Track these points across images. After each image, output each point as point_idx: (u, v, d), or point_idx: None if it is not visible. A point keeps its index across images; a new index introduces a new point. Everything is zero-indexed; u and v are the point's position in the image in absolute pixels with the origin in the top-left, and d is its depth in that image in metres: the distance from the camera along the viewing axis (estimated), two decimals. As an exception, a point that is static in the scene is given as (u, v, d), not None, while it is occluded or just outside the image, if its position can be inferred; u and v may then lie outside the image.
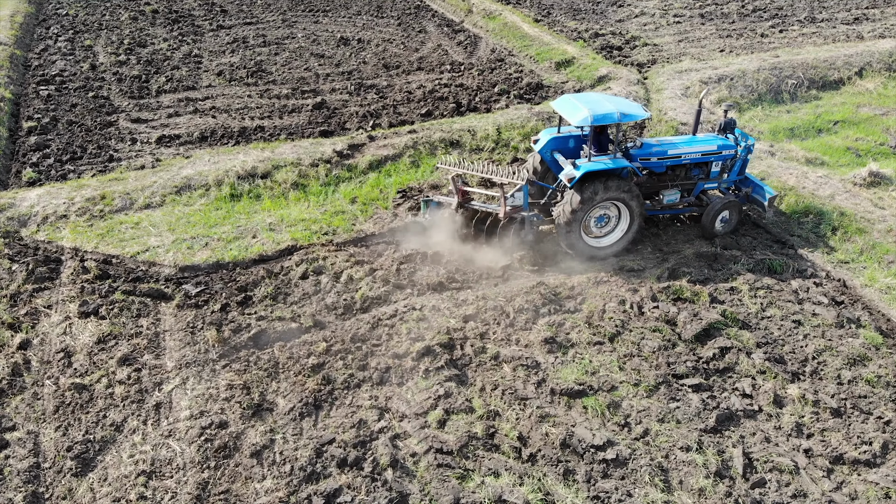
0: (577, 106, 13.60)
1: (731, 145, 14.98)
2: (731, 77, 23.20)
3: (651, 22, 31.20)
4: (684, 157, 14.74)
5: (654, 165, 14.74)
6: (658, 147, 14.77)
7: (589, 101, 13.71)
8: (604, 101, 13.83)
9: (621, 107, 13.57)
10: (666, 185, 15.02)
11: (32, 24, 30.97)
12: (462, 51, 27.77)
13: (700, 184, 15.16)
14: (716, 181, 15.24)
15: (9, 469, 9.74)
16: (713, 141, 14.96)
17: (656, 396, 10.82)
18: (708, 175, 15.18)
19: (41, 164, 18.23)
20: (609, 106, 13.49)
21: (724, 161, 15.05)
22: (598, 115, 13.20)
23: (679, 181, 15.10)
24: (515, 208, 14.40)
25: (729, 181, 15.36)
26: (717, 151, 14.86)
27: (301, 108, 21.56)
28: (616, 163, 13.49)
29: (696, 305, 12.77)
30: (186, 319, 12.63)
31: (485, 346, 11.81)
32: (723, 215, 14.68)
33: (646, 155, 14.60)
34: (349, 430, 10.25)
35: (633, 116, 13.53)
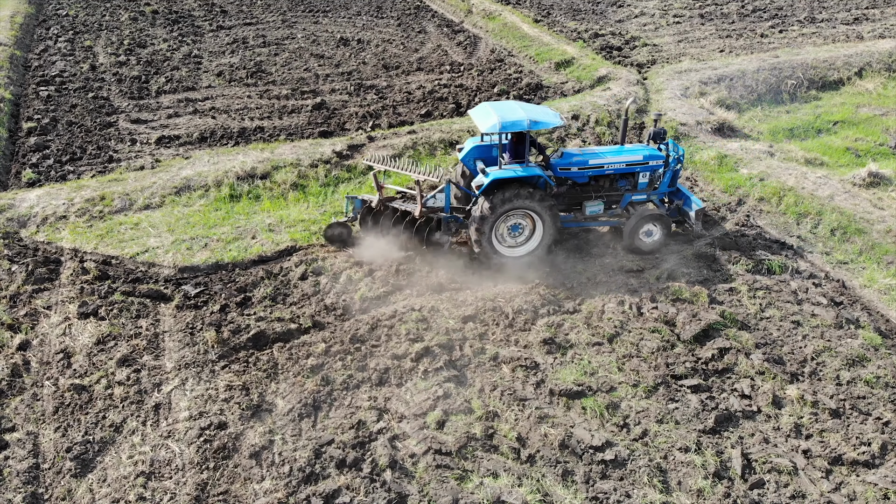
0: (489, 113, 13.27)
1: (658, 156, 14.46)
2: (731, 77, 23.21)
3: (651, 22, 31.21)
4: (607, 167, 14.29)
5: (575, 175, 14.32)
6: (579, 156, 14.34)
7: (502, 109, 13.37)
8: (518, 108, 13.39)
9: (534, 115, 13.16)
10: (589, 195, 14.57)
11: (32, 24, 30.98)
12: (462, 51, 27.79)
13: (627, 195, 14.65)
14: (644, 193, 14.71)
15: (8, 470, 9.74)
16: (639, 151, 14.47)
17: (655, 397, 10.83)
18: (635, 186, 14.67)
19: (41, 164, 18.24)
20: (520, 113, 13.08)
21: (651, 172, 14.55)
22: (507, 123, 12.86)
23: (604, 192, 14.63)
24: (433, 209, 14.13)
25: (659, 193, 14.82)
26: (644, 162, 14.36)
27: (300, 108, 21.58)
28: (527, 171, 13.17)
29: (695, 306, 12.77)
30: (186, 320, 12.63)
31: (484, 347, 11.82)
32: (646, 229, 14.22)
33: (566, 164, 14.21)
34: (348, 430, 10.25)
35: (544, 124, 13.13)
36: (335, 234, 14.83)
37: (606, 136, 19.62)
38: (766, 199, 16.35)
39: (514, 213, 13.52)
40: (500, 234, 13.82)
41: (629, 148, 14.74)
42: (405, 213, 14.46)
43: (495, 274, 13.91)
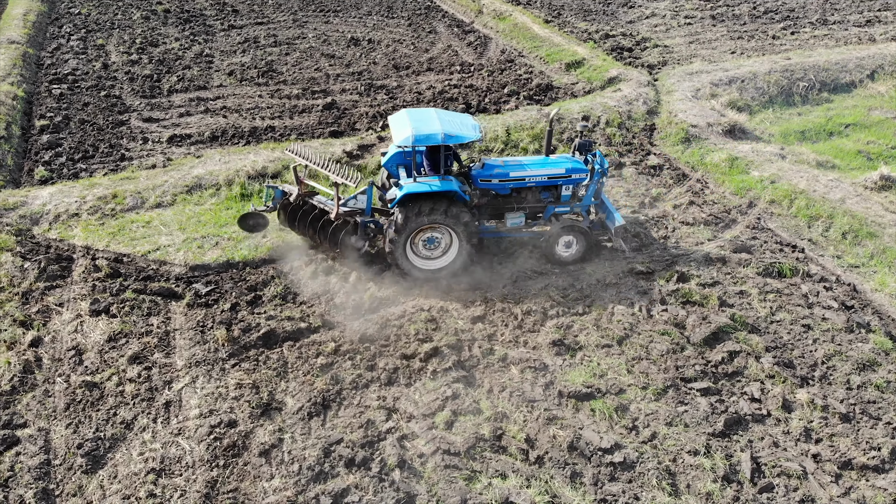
0: (405, 124, 12.99)
1: (582, 168, 14.18)
2: (742, 79, 23.12)
3: (662, 23, 31.13)
4: (528, 179, 14.05)
5: (496, 187, 14.13)
6: (501, 168, 14.08)
7: (418, 120, 13.08)
8: (434, 120, 13.05)
9: (450, 127, 12.86)
10: (511, 207, 14.38)
11: (45, 22, 31.15)
12: (472, 51, 27.79)
13: (550, 207, 14.41)
14: (567, 205, 14.47)
15: (20, 466, 9.81)
16: (562, 164, 14.17)
17: (664, 400, 10.82)
18: (558, 198, 14.43)
19: (53, 162, 18.36)
20: (436, 126, 12.78)
21: (574, 185, 14.32)
22: (420, 136, 12.58)
23: (526, 204, 14.41)
24: (352, 212, 13.83)
25: (583, 206, 14.57)
26: (566, 175, 14.09)
27: (311, 108, 21.63)
28: (442, 185, 12.89)
29: (704, 309, 12.75)
30: (196, 318, 12.70)
31: (493, 348, 11.84)
32: (566, 240, 14.01)
33: (486, 176, 13.99)
34: (357, 430, 10.29)
35: (459, 138, 12.75)
36: (250, 224, 14.38)
37: (617, 138, 19.60)
38: (778, 202, 16.30)
39: (430, 226, 13.24)
40: (416, 247, 13.57)
41: (553, 160, 14.39)
42: (324, 212, 14.03)
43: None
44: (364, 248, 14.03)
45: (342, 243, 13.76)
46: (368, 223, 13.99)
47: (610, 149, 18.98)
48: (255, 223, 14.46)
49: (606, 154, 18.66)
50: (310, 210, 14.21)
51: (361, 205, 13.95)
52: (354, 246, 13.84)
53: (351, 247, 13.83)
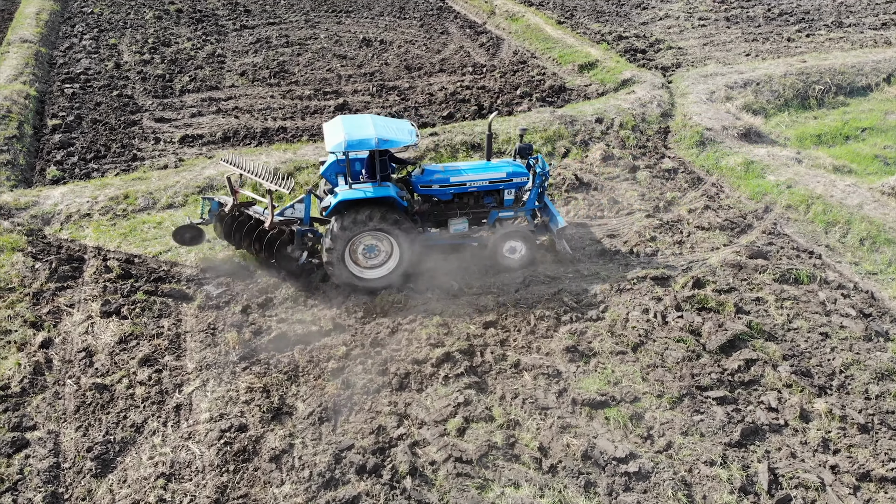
0: (338, 130, 12.69)
1: (522, 172, 14.00)
2: (758, 82, 22.90)
3: (675, 25, 30.92)
4: (469, 184, 13.85)
5: (437, 193, 13.89)
6: (441, 174, 13.84)
7: (352, 126, 12.75)
8: (369, 125, 12.76)
9: (385, 133, 12.63)
10: (454, 213, 14.12)
11: (58, 21, 31.26)
12: (484, 52, 27.67)
13: (494, 212, 14.24)
14: (511, 209, 14.32)
15: (29, 469, 9.76)
16: (503, 168, 13.99)
17: (680, 409, 10.66)
18: (501, 203, 14.26)
19: (65, 162, 18.36)
20: (370, 131, 12.50)
21: (516, 189, 14.15)
22: (353, 142, 12.29)
23: (469, 209, 14.20)
24: (289, 221, 13.46)
25: (526, 210, 14.40)
26: (507, 179, 13.92)
27: (323, 109, 21.56)
28: (378, 191, 12.62)
29: (721, 315, 12.58)
30: (207, 321, 12.64)
31: (505, 354, 11.71)
32: (510, 245, 13.84)
33: (427, 182, 13.77)
34: (368, 436, 10.19)
35: (393, 143, 12.54)
36: (186, 237, 13.96)
37: (631, 140, 19.43)
38: (794, 207, 16.09)
39: (367, 235, 12.99)
40: (356, 256, 13.29)
41: (494, 164, 14.18)
42: (260, 222, 13.61)
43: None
44: (303, 259, 13.70)
45: (279, 254, 13.44)
46: (306, 232, 13.60)
47: (624, 151, 18.81)
48: (192, 236, 14.02)
49: (620, 157, 18.49)
50: (245, 220, 13.77)
51: (300, 214, 13.66)
52: (292, 256, 13.51)
53: (288, 257, 13.51)
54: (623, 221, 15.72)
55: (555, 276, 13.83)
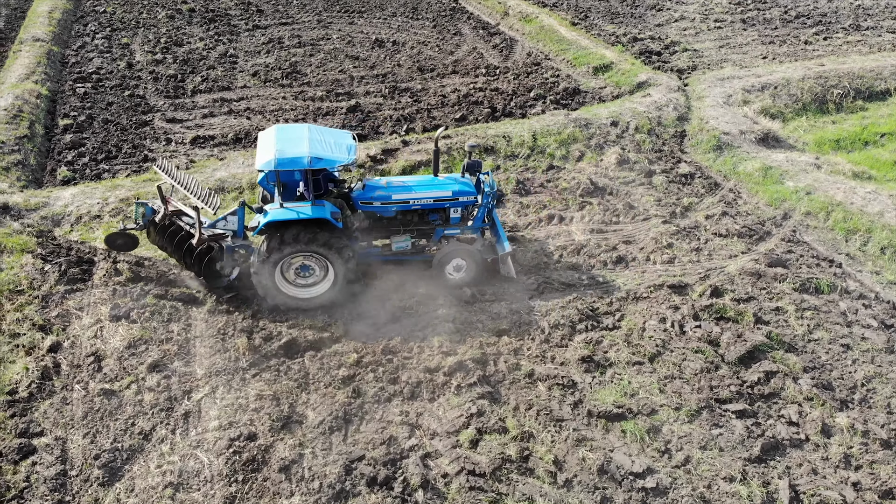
0: (269, 145, 12.10)
1: (469, 191, 13.49)
2: (775, 85, 22.58)
3: (691, 27, 30.58)
4: (413, 202, 13.36)
5: (379, 209, 13.45)
6: (383, 190, 13.34)
7: (284, 140, 12.11)
8: (304, 140, 12.11)
9: (319, 150, 11.98)
10: (398, 230, 13.75)
11: (70, 20, 31.22)
12: (497, 54, 27.44)
13: (439, 230, 13.76)
14: (457, 227, 13.79)
15: (35, 476, 9.63)
16: (449, 186, 13.46)
17: (698, 422, 10.42)
18: (447, 221, 13.76)
19: (76, 162, 18.27)
20: (302, 148, 11.86)
21: (463, 207, 13.67)
22: (284, 160, 11.70)
23: (414, 226, 13.80)
24: (217, 236, 12.92)
25: (474, 228, 13.88)
26: (453, 197, 13.41)
27: (335, 110, 21.39)
28: (312, 211, 12.04)
29: (739, 325, 12.32)
30: (217, 325, 12.48)
31: (519, 363, 11.49)
32: (455, 263, 13.34)
33: (367, 199, 13.30)
34: (379, 446, 10.01)
35: (328, 162, 11.95)
36: (118, 243, 13.59)
37: (647, 144, 19.17)
38: (814, 214, 15.79)
39: (299, 256, 12.52)
40: (288, 275, 12.78)
41: (440, 181, 13.63)
42: (190, 235, 12.96)
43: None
44: (234, 275, 13.17)
45: (207, 270, 12.96)
46: (237, 248, 13.14)
47: (640, 156, 18.55)
48: (124, 242, 13.66)
49: (635, 161, 18.23)
50: (177, 231, 13.19)
51: (232, 226, 13.20)
52: (221, 273, 13.06)
53: (217, 274, 13.10)
54: (639, 227, 15.46)
55: (569, 282, 13.59)
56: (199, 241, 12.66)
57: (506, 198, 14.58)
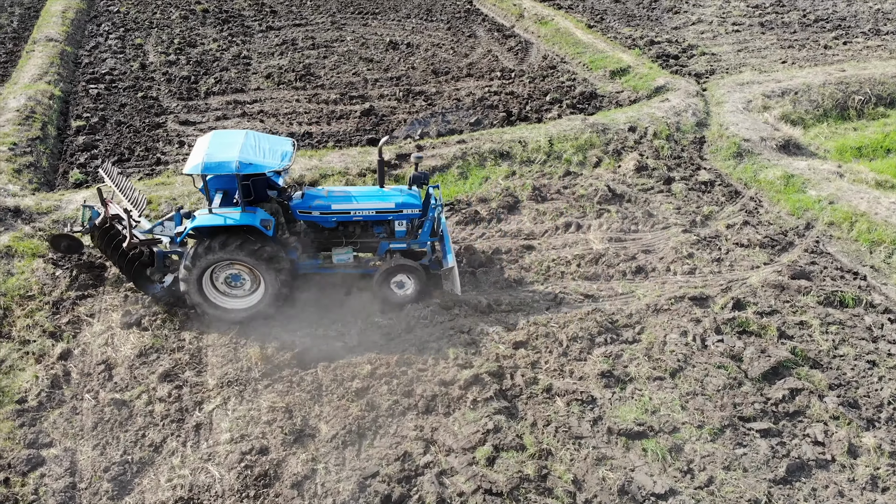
0: (201, 148, 11.82)
1: (414, 203, 13.01)
2: (796, 91, 22.20)
3: (708, 30, 30.20)
4: (354, 213, 12.93)
5: (318, 220, 13.02)
6: (323, 200, 12.91)
7: (218, 145, 11.83)
8: (235, 145, 11.80)
9: (249, 154, 11.64)
10: (340, 241, 13.32)
11: (84, 20, 31.18)
12: (513, 57, 27.16)
13: (384, 244, 13.28)
14: (403, 241, 13.28)
15: (44, 489, 9.47)
16: (392, 198, 13.02)
17: (721, 441, 10.12)
18: (392, 234, 13.32)
19: (88, 165, 18.13)
20: (232, 152, 11.55)
21: (407, 220, 13.22)
22: (211, 164, 11.41)
23: (357, 238, 13.39)
24: (150, 241, 12.58)
25: (420, 242, 13.36)
26: (397, 210, 12.97)
27: (349, 114, 21.18)
28: (239, 218, 11.68)
29: (763, 340, 12.01)
30: (230, 334, 12.28)
31: (536, 377, 11.21)
32: (397, 280, 12.86)
33: (306, 208, 12.86)
34: (393, 462, 9.77)
35: (257, 167, 11.57)
36: (63, 245, 13.43)
37: (665, 150, 18.84)
38: (837, 224, 15.43)
39: (226, 264, 12.15)
40: (218, 284, 12.43)
41: (385, 193, 13.21)
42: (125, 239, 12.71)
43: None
44: (167, 282, 12.83)
45: (137, 275, 12.72)
46: (169, 254, 12.82)
47: (658, 162, 18.23)
48: (68, 244, 13.47)
49: (654, 168, 17.91)
50: (115, 235, 12.96)
51: (169, 232, 12.87)
52: (151, 279, 12.82)
53: (148, 280, 12.82)
54: (658, 236, 15.15)
55: (587, 293, 13.29)
56: (130, 245, 12.44)
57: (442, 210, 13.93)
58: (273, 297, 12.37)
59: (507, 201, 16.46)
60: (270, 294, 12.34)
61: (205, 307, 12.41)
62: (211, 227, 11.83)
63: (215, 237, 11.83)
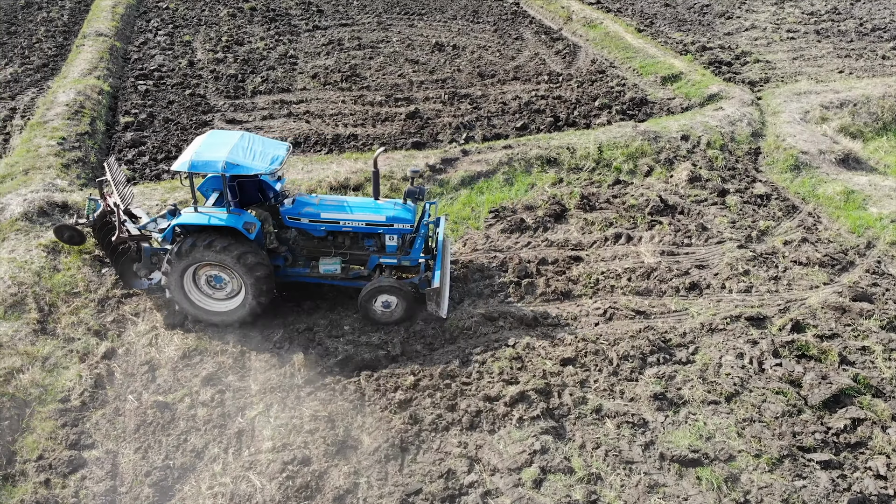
0: (192, 147, 11.73)
1: (406, 218, 12.59)
2: (854, 102, 21.46)
3: (762, 36, 29.44)
4: (343, 223, 12.60)
5: (307, 227, 12.74)
6: (313, 207, 12.62)
7: (209, 145, 11.72)
8: (228, 145, 11.66)
9: (238, 156, 11.48)
10: (329, 251, 13.01)
11: (133, 15, 31.51)
12: (560, 60, 26.73)
13: (374, 257, 12.91)
14: (394, 257, 12.87)
15: (84, 492, 9.40)
16: (384, 211, 12.62)
17: (780, 471, 9.66)
18: (383, 248, 12.96)
19: (136, 161, 18.20)
20: (221, 153, 11.40)
21: (399, 235, 12.80)
22: (198, 163, 11.28)
23: (346, 250, 13.02)
24: (139, 237, 12.53)
25: (411, 259, 12.94)
26: (388, 223, 12.58)
27: (394, 116, 20.98)
28: (225, 219, 11.52)
29: (823, 365, 11.49)
30: (273, 339, 12.15)
31: (585, 397, 10.85)
32: (383, 300, 12.29)
33: (295, 214, 12.59)
34: (437, 479, 9.50)
35: (243, 169, 11.36)
36: (65, 236, 13.58)
37: (719, 161, 18.30)
38: (900, 244, 14.80)
39: (209, 265, 11.96)
40: (200, 283, 12.23)
41: (377, 205, 12.82)
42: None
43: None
44: (154, 280, 12.73)
45: (124, 269, 12.68)
46: (157, 251, 12.66)
47: (712, 173, 17.70)
48: (71, 235, 13.64)
49: (707, 179, 17.39)
50: (112, 228, 13.01)
51: (164, 226, 12.76)
52: (138, 274, 12.69)
53: (134, 275, 12.69)
54: (712, 251, 14.64)
55: (639, 309, 12.87)
56: (118, 238, 12.53)
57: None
58: (251, 302, 12.13)
59: (553, 209, 16.09)
60: (251, 303, 12.12)
61: (184, 305, 12.29)
62: (194, 225, 11.75)
63: (199, 237, 11.72)
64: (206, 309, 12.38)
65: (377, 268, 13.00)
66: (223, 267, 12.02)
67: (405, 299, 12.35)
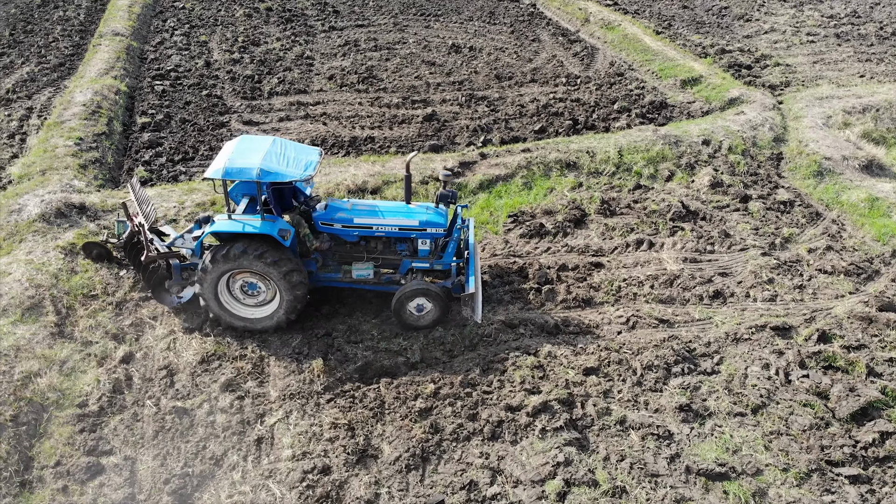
0: (225, 153, 11.63)
1: (439, 223, 12.59)
2: (877, 108, 21.16)
3: (782, 39, 29.14)
4: (377, 228, 12.58)
5: (340, 233, 12.70)
6: (346, 213, 12.60)
7: (241, 151, 11.61)
8: (262, 152, 11.55)
9: (272, 163, 11.36)
10: (361, 256, 12.97)
11: (149, 15, 31.52)
12: (578, 62, 26.54)
13: (406, 261, 12.82)
14: (426, 261, 12.82)
15: (103, 499, 9.31)
16: (416, 215, 12.62)
17: (808, 486, 9.48)
18: (415, 253, 12.88)
19: (153, 163, 18.15)
20: (254, 159, 11.30)
21: (431, 239, 12.72)
22: (232, 170, 11.20)
23: (378, 255, 12.98)
24: (168, 254, 12.58)
25: (444, 264, 12.86)
26: (421, 228, 12.56)
27: (411, 118, 20.85)
28: (259, 227, 11.44)
29: (851, 377, 11.28)
30: (293, 344, 12.05)
31: (609, 407, 10.68)
32: (417, 303, 12.19)
33: (328, 220, 12.58)
34: (459, 491, 9.37)
35: (277, 175, 11.26)
36: (94, 253, 13.76)
37: (741, 166, 18.07)
38: (926, 254, 14.54)
39: (240, 271, 11.86)
40: (234, 291, 12.16)
41: (409, 210, 12.81)
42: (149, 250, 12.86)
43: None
44: (186, 296, 12.65)
45: (155, 287, 12.65)
46: (188, 267, 12.69)
47: (734, 178, 17.48)
48: (98, 253, 13.80)
49: (729, 184, 17.17)
50: (142, 247, 13.09)
51: (190, 244, 12.81)
52: (169, 290, 12.68)
53: (166, 293, 12.69)
54: (736, 258, 14.43)
55: (662, 318, 12.68)
56: (148, 257, 12.57)
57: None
58: (288, 313, 12.09)
59: (573, 214, 15.92)
60: (286, 310, 12.06)
61: (219, 313, 12.20)
62: (228, 233, 11.68)
63: (233, 244, 11.64)
64: (242, 316, 12.23)
65: (409, 272, 12.92)
66: (259, 274, 11.92)
67: (440, 303, 12.28)
